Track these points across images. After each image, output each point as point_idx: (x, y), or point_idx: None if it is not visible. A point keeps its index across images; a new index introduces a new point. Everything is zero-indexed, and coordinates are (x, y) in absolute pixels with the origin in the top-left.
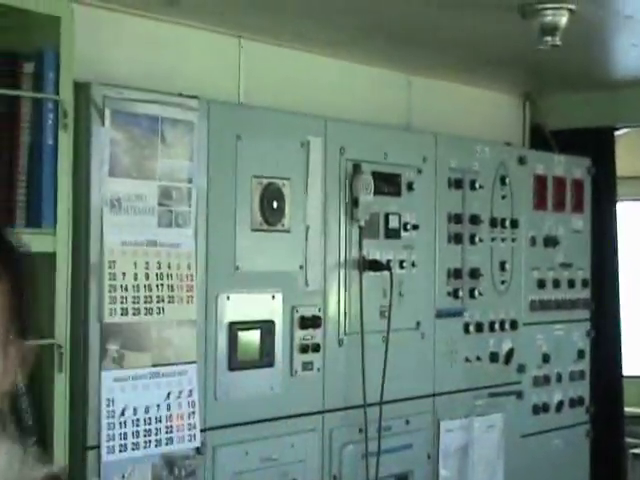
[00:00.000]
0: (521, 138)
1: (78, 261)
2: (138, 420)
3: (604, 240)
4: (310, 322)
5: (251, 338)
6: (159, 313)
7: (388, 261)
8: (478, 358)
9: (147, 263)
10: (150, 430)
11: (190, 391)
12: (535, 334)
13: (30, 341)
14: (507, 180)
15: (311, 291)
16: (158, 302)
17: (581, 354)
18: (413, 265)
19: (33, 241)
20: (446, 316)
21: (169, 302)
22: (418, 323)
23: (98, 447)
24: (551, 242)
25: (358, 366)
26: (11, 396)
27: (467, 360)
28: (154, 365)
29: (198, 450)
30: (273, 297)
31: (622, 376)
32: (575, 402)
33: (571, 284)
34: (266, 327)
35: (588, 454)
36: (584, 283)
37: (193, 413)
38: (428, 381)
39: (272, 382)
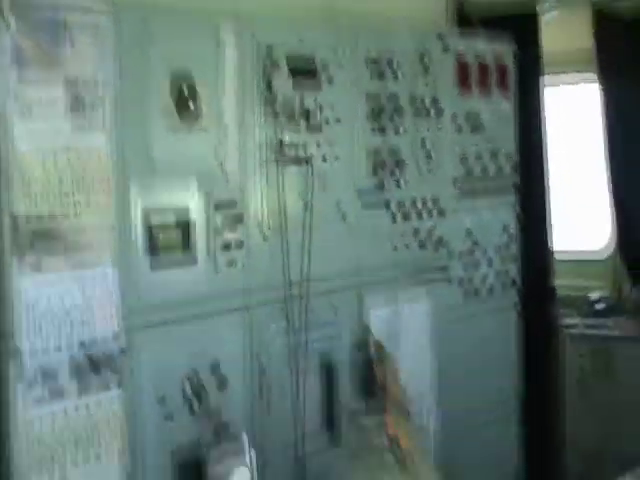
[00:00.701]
0: (445, 24)
1: None
2: (60, 324)
3: (530, 122)
4: (232, 219)
5: (172, 238)
6: (76, 217)
7: (308, 155)
8: (406, 246)
9: (61, 169)
10: (72, 333)
11: (110, 293)
12: (463, 219)
13: None
14: (430, 67)
15: (231, 188)
16: (74, 207)
17: (510, 237)
18: (336, 158)
19: None
20: (372, 207)
21: (86, 206)
22: (344, 215)
23: (21, 352)
24: (476, 127)
25: (282, 260)
26: None
27: (395, 249)
28: (73, 269)
29: (122, 350)
30: (192, 196)
31: (552, 255)
32: (505, 284)
33: (498, 168)
34: (186, 226)
35: (520, 335)
36: (511, 166)
37: (113, 314)
38: (356, 271)
39: (195, 280)
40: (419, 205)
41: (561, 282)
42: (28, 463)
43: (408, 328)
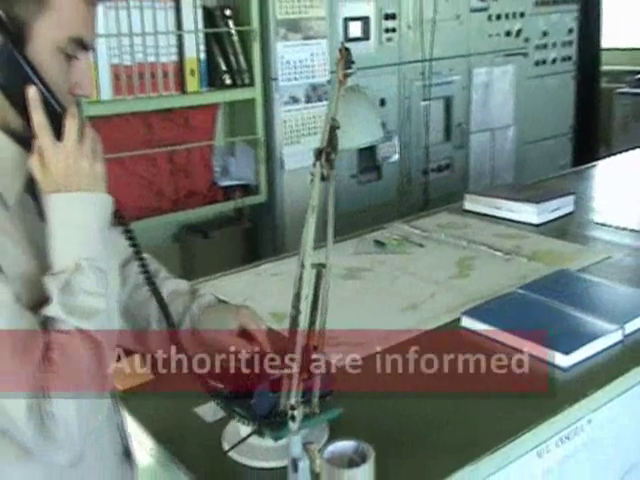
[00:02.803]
0: None
1: None
2: (297, 67)
3: None
4: (391, 18)
5: (356, 28)
6: (306, 14)
7: None
8: (497, 34)
9: None
10: (304, 72)
11: (324, 53)
12: (538, 19)
13: None
14: None
15: (391, 4)
16: (305, 9)
17: (570, 31)
18: None
19: None
20: (478, 11)
21: (311, 9)
22: (458, 16)
23: (279, 84)
24: None
25: (421, 40)
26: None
27: (490, 37)
28: (304, 40)
29: (329, 82)
30: (371, 9)
31: (599, 45)
32: (565, 59)
33: None
34: (367, 23)
35: (573, 92)
36: None
37: (325, 62)
38: (465, 50)
39: (369, 49)
40: (507, 11)
41: (616, 67)
42: (282, 137)
43: (497, 81)
